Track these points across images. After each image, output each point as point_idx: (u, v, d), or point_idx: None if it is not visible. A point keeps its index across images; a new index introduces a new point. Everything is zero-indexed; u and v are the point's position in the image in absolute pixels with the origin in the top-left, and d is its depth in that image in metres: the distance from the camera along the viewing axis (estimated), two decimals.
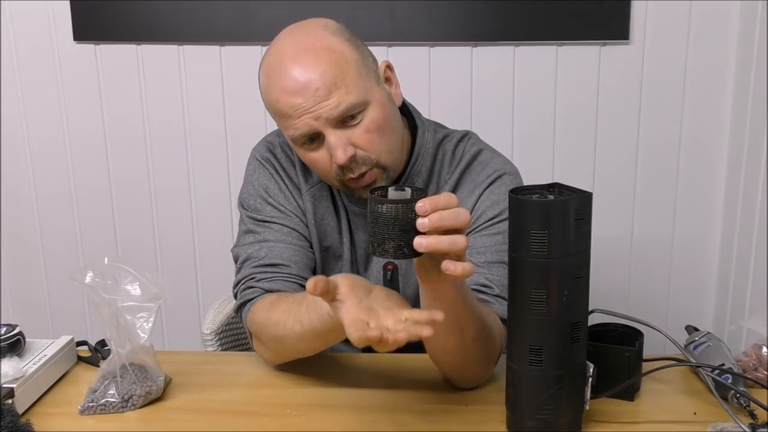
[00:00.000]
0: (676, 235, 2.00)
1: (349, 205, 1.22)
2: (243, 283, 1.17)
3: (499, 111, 1.93)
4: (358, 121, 1.09)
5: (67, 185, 2.05)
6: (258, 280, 1.15)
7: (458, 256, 0.87)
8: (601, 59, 1.89)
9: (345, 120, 1.08)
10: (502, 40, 1.88)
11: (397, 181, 1.19)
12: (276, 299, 1.10)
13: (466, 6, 1.85)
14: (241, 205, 1.25)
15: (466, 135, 1.26)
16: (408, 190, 0.89)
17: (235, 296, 1.19)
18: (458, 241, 0.85)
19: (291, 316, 1.04)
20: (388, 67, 1.18)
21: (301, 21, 1.13)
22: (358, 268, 1.24)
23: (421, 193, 0.88)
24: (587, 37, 1.87)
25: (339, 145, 1.08)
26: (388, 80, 1.17)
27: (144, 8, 1.90)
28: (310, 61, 1.07)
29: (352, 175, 1.11)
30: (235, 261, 1.21)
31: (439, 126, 1.28)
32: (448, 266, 0.85)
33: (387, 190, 0.89)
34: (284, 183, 1.23)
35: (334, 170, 1.11)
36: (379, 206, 0.86)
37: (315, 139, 1.10)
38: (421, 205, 0.84)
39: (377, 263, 1.22)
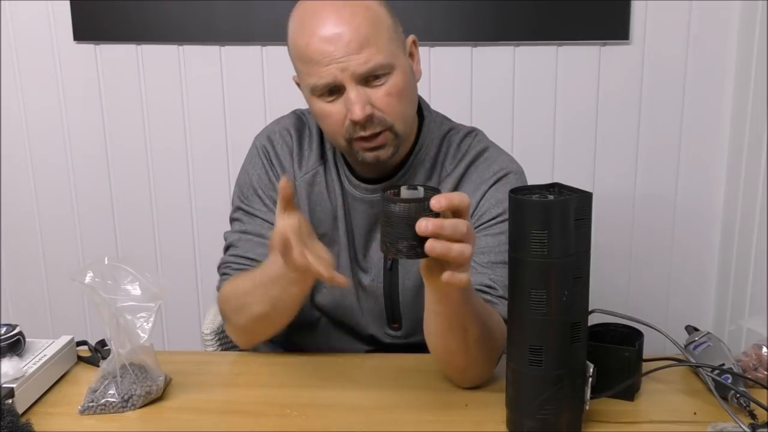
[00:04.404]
0: (677, 235, 2.00)
1: (350, 189, 1.22)
2: (222, 268, 1.24)
3: (499, 111, 1.93)
4: (382, 83, 1.10)
5: (67, 185, 2.05)
6: (234, 269, 1.21)
7: (460, 265, 0.89)
8: (601, 59, 1.89)
9: (369, 79, 1.09)
10: (502, 40, 1.88)
11: (400, 168, 1.20)
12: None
13: (466, 6, 1.85)
14: (237, 185, 1.28)
15: (472, 131, 1.26)
16: (421, 189, 0.89)
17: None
18: (465, 251, 0.87)
19: (248, 276, 1.14)
20: (414, 42, 1.19)
21: None
22: (356, 254, 1.24)
23: (434, 191, 0.88)
24: (587, 37, 1.87)
25: (358, 102, 1.08)
26: (411, 55, 1.18)
27: (144, 8, 1.90)
28: (347, 13, 1.08)
29: (363, 134, 1.11)
30: (225, 241, 1.28)
31: (445, 119, 1.28)
32: (449, 278, 0.88)
33: (399, 189, 0.89)
34: (276, 176, 1.24)
35: (345, 126, 1.11)
36: (392, 205, 0.86)
37: (335, 91, 1.10)
38: (435, 202, 0.85)
39: (377, 250, 1.22)
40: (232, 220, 1.27)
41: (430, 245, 0.85)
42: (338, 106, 1.11)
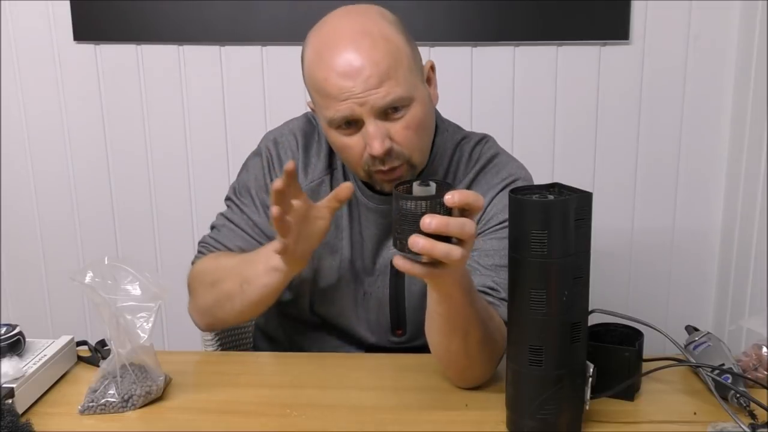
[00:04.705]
0: (676, 235, 2.00)
1: (363, 199, 1.21)
2: (199, 245, 1.27)
3: (499, 111, 1.93)
4: (401, 116, 1.08)
5: (67, 185, 2.05)
6: (209, 251, 1.25)
7: (446, 265, 0.87)
8: (601, 59, 1.89)
9: (387, 112, 1.08)
10: (502, 40, 1.88)
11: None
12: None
13: (466, 6, 1.85)
14: (238, 175, 1.29)
15: (483, 138, 1.26)
16: (433, 185, 0.88)
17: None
18: (452, 253, 0.85)
19: (227, 254, 1.20)
20: (432, 67, 1.18)
21: (357, 4, 1.13)
22: (364, 262, 1.23)
23: (447, 187, 0.87)
24: (587, 37, 1.87)
25: (377, 136, 1.07)
26: (428, 80, 1.17)
27: (144, 8, 1.90)
28: (366, 46, 1.06)
29: (382, 168, 1.10)
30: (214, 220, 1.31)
31: (458, 128, 1.28)
32: (398, 262, 0.87)
33: (411, 185, 0.88)
34: (273, 180, 1.22)
35: (364, 159, 1.10)
36: (405, 202, 0.85)
37: (352, 124, 1.09)
38: (449, 197, 0.84)
39: (385, 258, 1.22)
40: (226, 203, 1.29)
41: (413, 240, 0.84)
42: (356, 139, 1.10)
